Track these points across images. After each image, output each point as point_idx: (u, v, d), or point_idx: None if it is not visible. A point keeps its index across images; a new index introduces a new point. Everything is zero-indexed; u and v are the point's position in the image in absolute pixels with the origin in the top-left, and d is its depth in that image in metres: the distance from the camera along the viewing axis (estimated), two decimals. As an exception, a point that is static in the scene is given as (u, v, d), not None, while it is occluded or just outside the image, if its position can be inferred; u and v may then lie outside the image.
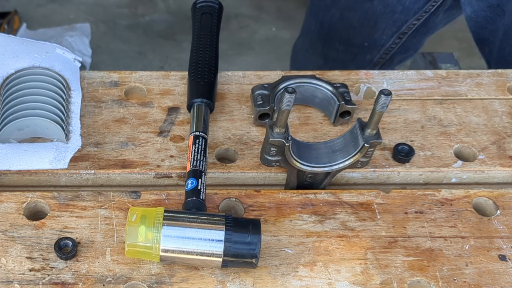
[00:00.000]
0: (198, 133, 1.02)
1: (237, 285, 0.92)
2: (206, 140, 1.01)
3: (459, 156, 1.08)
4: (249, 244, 0.89)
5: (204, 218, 0.91)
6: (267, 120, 0.97)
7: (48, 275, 0.91)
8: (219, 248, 0.89)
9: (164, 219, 0.89)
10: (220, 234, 0.89)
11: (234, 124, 1.10)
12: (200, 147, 1.00)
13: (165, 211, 0.90)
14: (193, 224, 0.90)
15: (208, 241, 0.89)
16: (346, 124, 1.10)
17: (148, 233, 0.89)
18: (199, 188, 0.95)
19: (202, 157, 0.99)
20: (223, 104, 1.13)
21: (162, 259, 0.90)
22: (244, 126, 1.09)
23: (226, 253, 0.89)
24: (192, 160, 0.98)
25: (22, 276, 0.91)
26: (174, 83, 1.15)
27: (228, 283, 0.92)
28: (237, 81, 1.16)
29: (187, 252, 0.89)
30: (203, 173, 0.97)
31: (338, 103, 1.08)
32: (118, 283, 0.91)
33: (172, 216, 0.90)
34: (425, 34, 1.61)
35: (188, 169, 0.98)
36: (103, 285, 0.90)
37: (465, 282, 0.94)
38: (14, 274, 0.91)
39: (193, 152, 0.99)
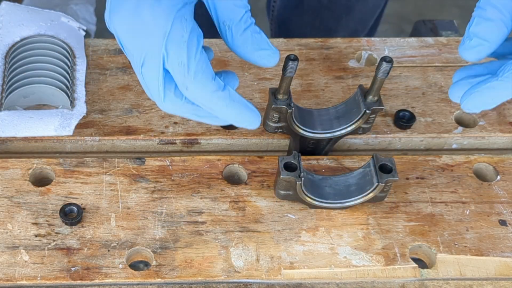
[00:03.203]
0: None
1: (240, 250, 0.93)
2: None
3: (460, 122, 1.09)
4: None
5: None
6: (270, 87, 0.97)
7: (54, 240, 0.92)
8: None
9: None
10: None
11: (238, 91, 1.10)
12: None
13: None
14: None
15: None
16: (348, 92, 1.11)
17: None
18: None
19: None
20: (226, 71, 1.13)
21: None
22: (247, 93, 1.09)
23: None
24: None
25: (28, 241, 0.92)
26: (178, 51, 1.15)
27: (232, 248, 0.93)
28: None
29: None
30: None
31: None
32: (122, 248, 0.92)
33: None
34: None
35: None
36: (108, 251, 0.92)
37: (465, 246, 0.95)
38: (20, 239, 0.92)
39: None
